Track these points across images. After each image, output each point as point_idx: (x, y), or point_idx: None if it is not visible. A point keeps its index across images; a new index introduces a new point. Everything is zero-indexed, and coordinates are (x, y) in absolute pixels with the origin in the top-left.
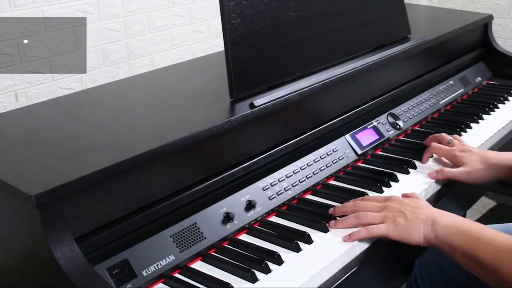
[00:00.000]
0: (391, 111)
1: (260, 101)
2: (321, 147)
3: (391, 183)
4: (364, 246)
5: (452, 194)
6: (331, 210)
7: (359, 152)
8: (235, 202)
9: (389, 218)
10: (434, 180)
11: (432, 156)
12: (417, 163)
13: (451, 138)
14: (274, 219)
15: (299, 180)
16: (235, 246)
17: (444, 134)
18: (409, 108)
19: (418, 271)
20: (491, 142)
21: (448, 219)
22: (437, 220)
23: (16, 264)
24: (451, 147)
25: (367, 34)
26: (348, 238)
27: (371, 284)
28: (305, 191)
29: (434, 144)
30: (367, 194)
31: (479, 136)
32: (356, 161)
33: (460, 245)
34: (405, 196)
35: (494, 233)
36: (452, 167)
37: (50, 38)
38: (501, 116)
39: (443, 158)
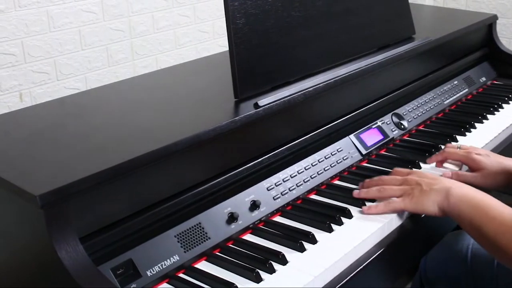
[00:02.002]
0: (396, 111)
1: (265, 101)
2: (326, 147)
3: None
4: (369, 246)
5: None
6: (355, 192)
7: (364, 152)
8: (239, 202)
9: (406, 191)
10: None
11: (442, 162)
12: (421, 163)
13: (459, 145)
14: (278, 219)
15: (303, 180)
16: (239, 246)
17: (450, 144)
18: (414, 108)
19: (423, 270)
20: (496, 142)
21: (461, 190)
22: (451, 190)
23: (20, 264)
24: (466, 150)
25: (372, 34)
26: (368, 209)
27: (375, 284)
28: (310, 191)
29: (448, 149)
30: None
31: (483, 136)
32: (360, 161)
33: (469, 215)
34: None
35: (502, 207)
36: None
37: (55, 38)
38: (505, 116)
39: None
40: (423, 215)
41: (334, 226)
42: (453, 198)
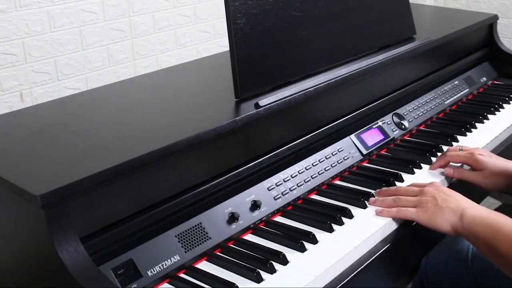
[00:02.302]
0: (396, 111)
1: (265, 101)
2: (326, 147)
3: (396, 183)
4: (370, 246)
5: (468, 187)
6: (377, 192)
7: (364, 152)
8: (240, 202)
9: (421, 202)
10: (439, 180)
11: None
12: (422, 163)
13: (462, 147)
14: (279, 219)
15: (304, 180)
16: (240, 246)
17: (452, 148)
18: (414, 108)
19: (424, 271)
20: (496, 142)
21: (475, 211)
22: (465, 211)
23: (21, 265)
24: (469, 151)
25: (372, 34)
26: (381, 212)
27: (376, 284)
28: (310, 191)
29: (450, 152)
30: (373, 195)
31: (484, 136)
32: (361, 161)
33: (483, 235)
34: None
35: None
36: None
37: (55, 38)
38: (506, 116)
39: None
40: None
41: (334, 226)
42: (467, 220)
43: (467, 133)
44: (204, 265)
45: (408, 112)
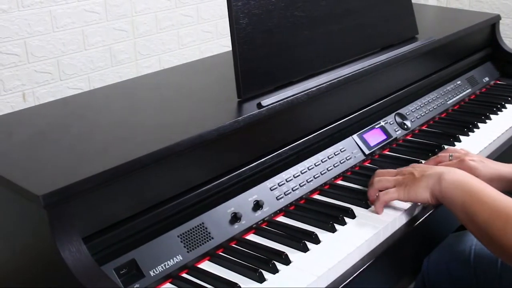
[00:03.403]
0: (399, 111)
1: (268, 101)
2: (329, 147)
3: None
4: (372, 246)
5: None
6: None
7: (367, 152)
8: (242, 202)
9: (399, 180)
10: None
11: None
12: (424, 163)
13: (452, 154)
14: (281, 219)
15: (306, 180)
16: (242, 246)
17: (442, 154)
18: (417, 108)
19: (426, 271)
20: (499, 142)
21: (454, 175)
22: (444, 175)
23: (24, 265)
24: (459, 158)
25: (375, 34)
26: (374, 208)
27: (378, 284)
28: (313, 191)
29: (440, 162)
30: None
31: (487, 136)
32: (363, 161)
33: (461, 201)
34: None
35: (494, 193)
36: None
37: (58, 38)
38: (508, 116)
39: None
40: (421, 218)
41: (337, 226)
42: (446, 183)
43: (470, 133)
44: (207, 265)
45: (410, 112)
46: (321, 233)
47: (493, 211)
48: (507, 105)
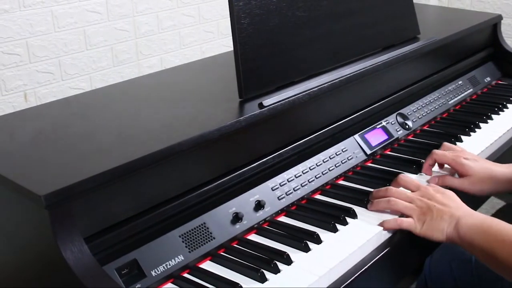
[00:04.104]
0: (400, 111)
1: (269, 101)
2: (330, 147)
3: None
4: (374, 246)
5: (461, 194)
6: (370, 197)
7: (368, 152)
8: (244, 202)
9: (416, 213)
10: (445, 172)
11: (433, 165)
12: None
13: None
14: (283, 219)
15: (308, 180)
16: (244, 246)
17: (437, 152)
18: (418, 108)
19: (428, 271)
20: (500, 142)
21: (470, 220)
22: (460, 221)
23: (25, 265)
24: (455, 154)
25: (376, 34)
26: (381, 223)
27: (380, 284)
28: (314, 191)
29: (437, 150)
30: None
31: (488, 136)
32: (365, 161)
33: (479, 244)
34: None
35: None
36: (453, 174)
37: (59, 38)
38: (510, 116)
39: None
40: None
41: (338, 226)
42: (463, 229)
43: (471, 133)
44: (208, 265)
45: (412, 112)
46: (322, 233)
47: (511, 246)
48: (508, 105)
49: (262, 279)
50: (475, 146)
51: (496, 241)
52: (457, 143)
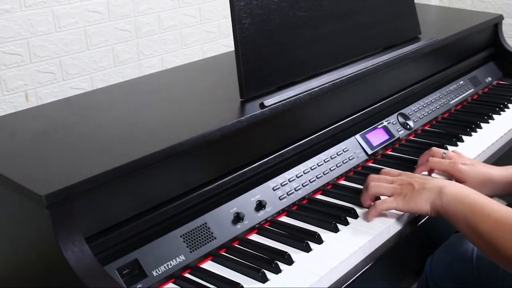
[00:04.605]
0: (401, 111)
1: (270, 101)
2: (331, 147)
3: None
4: (375, 246)
5: None
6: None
7: (370, 152)
8: (245, 202)
9: (396, 190)
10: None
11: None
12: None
13: (445, 152)
14: (284, 219)
15: (309, 180)
16: (245, 246)
17: (436, 149)
18: (420, 108)
19: (428, 271)
20: (502, 142)
21: (455, 188)
22: (444, 189)
23: (26, 264)
24: (451, 160)
25: (377, 34)
26: (367, 215)
27: (381, 284)
28: (315, 191)
29: (432, 158)
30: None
31: (489, 136)
32: (366, 161)
33: (463, 214)
34: None
35: (497, 205)
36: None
37: (60, 38)
38: (511, 116)
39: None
40: (423, 218)
41: (340, 226)
42: (447, 197)
43: (472, 133)
44: (209, 265)
45: (413, 112)
46: (323, 233)
47: (496, 222)
48: (509, 105)
49: (263, 279)
50: (476, 146)
51: (481, 214)
52: (458, 143)
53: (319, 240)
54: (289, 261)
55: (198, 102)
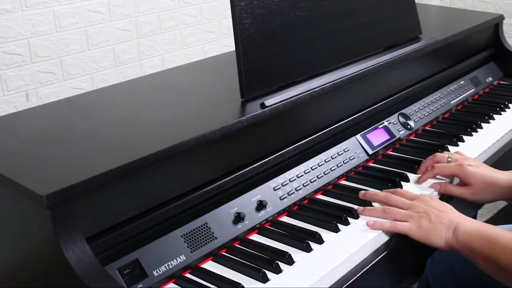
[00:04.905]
0: (402, 111)
1: (271, 101)
2: (332, 147)
3: (402, 183)
4: (375, 246)
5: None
6: (361, 193)
7: (370, 152)
8: (246, 202)
9: (414, 218)
10: (446, 180)
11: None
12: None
13: (450, 155)
14: (285, 219)
15: (310, 180)
16: (246, 246)
17: (440, 154)
18: (420, 108)
19: (429, 271)
20: (502, 142)
21: (469, 225)
22: (459, 226)
23: (27, 264)
24: (457, 162)
25: (378, 34)
26: (373, 225)
27: (382, 284)
28: (316, 191)
29: (439, 165)
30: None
31: (490, 136)
32: (367, 161)
33: (480, 249)
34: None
35: (511, 235)
36: (451, 181)
37: (61, 38)
38: None
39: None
40: None
41: (340, 226)
42: (462, 234)
43: (473, 133)
44: (210, 265)
45: (414, 112)
46: (324, 233)
47: None
48: (510, 105)
49: (264, 279)
50: (477, 146)
51: (497, 247)
52: (459, 143)
53: (319, 240)
54: (289, 261)
55: (198, 102)
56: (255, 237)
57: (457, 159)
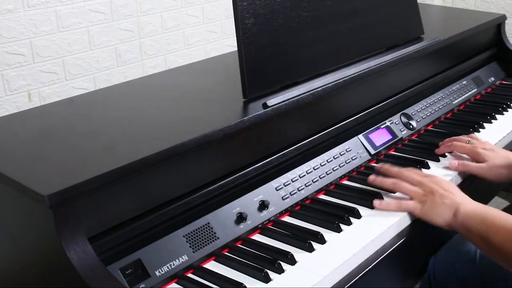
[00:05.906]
0: (404, 111)
1: (273, 101)
2: (334, 147)
3: None
4: (377, 246)
5: (470, 186)
6: (377, 166)
7: (372, 152)
8: (248, 202)
9: (419, 195)
10: (449, 178)
11: (450, 152)
12: (430, 162)
13: (469, 139)
14: (287, 219)
15: (312, 180)
16: (248, 246)
17: (461, 137)
18: (422, 108)
19: (431, 271)
20: (505, 142)
21: (469, 207)
22: (460, 207)
23: (29, 264)
24: (474, 145)
25: (380, 34)
26: (379, 204)
27: (384, 284)
28: (318, 191)
29: (456, 142)
30: (380, 194)
31: (492, 136)
32: (369, 161)
33: (476, 229)
34: None
35: (507, 216)
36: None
37: (63, 38)
38: None
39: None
40: None
41: (342, 226)
42: (461, 215)
43: (475, 133)
44: (212, 265)
45: (416, 112)
46: (326, 233)
47: (507, 232)
48: None
49: (266, 279)
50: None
51: (492, 228)
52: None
53: (322, 240)
54: (292, 261)
55: (201, 102)
56: (257, 237)
57: (474, 142)
